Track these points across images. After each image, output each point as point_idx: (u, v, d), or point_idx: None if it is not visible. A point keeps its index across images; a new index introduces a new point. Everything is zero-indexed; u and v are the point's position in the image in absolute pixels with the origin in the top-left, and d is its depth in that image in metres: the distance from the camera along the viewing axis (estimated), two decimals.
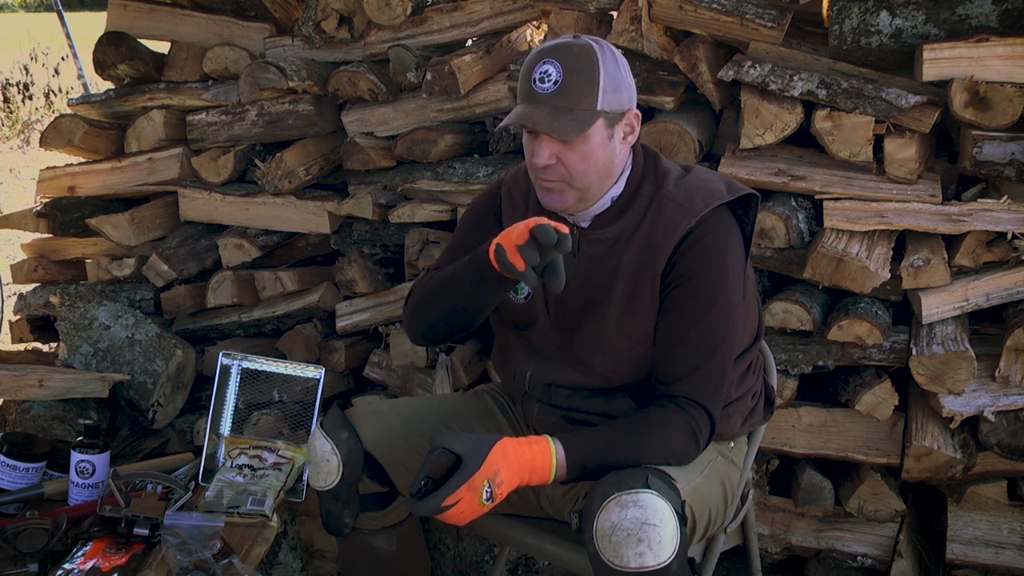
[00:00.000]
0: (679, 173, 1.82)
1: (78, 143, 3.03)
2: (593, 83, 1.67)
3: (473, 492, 1.58)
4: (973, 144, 2.22)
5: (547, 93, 1.66)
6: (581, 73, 1.67)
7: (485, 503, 1.60)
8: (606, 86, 1.68)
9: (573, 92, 1.66)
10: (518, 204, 1.93)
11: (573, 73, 1.66)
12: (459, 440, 1.62)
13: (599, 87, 1.67)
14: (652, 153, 1.85)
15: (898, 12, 2.28)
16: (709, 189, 1.77)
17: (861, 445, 2.45)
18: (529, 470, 1.64)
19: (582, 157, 1.70)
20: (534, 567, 2.70)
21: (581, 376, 1.85)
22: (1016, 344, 2.25)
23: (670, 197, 1.76)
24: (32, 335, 3.28)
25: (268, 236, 2.97)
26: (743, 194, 1.78)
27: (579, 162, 1.70)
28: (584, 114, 1.67)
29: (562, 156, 1.69)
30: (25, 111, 9.01)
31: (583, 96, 1.67)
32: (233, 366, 2.49)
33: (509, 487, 1.63)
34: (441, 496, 1.57)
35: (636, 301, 1.77)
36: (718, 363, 1.75)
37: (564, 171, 1.71)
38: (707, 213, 1.74)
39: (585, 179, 1.72)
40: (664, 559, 1.55)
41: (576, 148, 1.69)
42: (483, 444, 1.62)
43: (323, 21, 2.78)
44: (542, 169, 1.71)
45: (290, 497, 2.33)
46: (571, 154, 1.69)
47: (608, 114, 1.70)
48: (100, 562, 1.94)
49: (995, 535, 2.41)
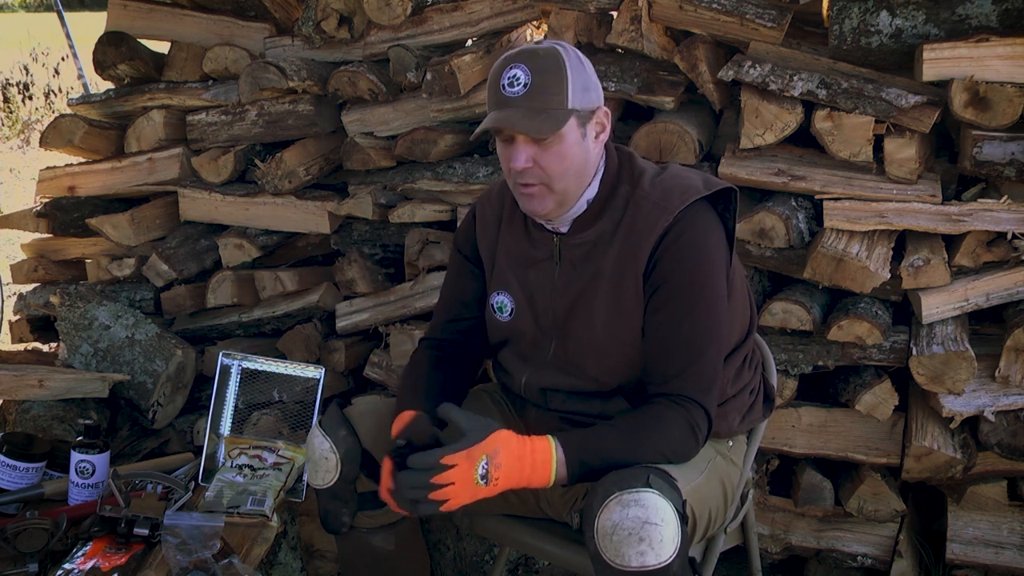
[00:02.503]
0: (655, 171, 1.82)
1: (78, 143, 3.03)
2: (561, 82, 1.68)
3: (471, 462, 1.59)
4: (973, 144, 2.22)
5: (518, 96, 1.67)
6: (549, 73, 1.68)
7: (479, 482, 1.60)
8: (575, 85, 1.70)
9: (543, 92, 1.67)
10: (490, 224, 1.95)
11: (541, 74, 1.68)
12: (465, 416, 1.64)
13: (568, 86, 1.69)
14: (627, 153, 1.85)
15: (898, 12, 2.28)
16: (685, 186, 1.77)
17: (861, 445, 2.45)
18: (529, 465, 1.64)
19: (559, 157, 1.70)
20: (534, 567, 2.70)
21: (575, 380, 1.85)
22: (1016, 344, 2.25)
23: (646, 196, 1.76)
24: (32, 335, 3.28)
25: (268, 236, 2.97)
26: (722, 188, 1.78)
27: (556, 163, 1.70)
28: (557, 113, 1.68)
29: (539, 159, 1.70)
30: (25, 111, 9.01)
31: (553, 95, 1.68)
32: (233, 366, 2.49)
33: (507, 479, 1.63)
34: (439, 454, 1.58)
35: (622, 304, 1.77)
36: (709, 359, 1.75)
37: (542, 173, 1.71)
38: (684, 210, 1.74)
39: (563, 180, 1.72)
40: (665, 558, 1.55)
41: (551, 149, 1.69)
42: (488, 424, 1.64)
43: (323, 21, 2.78)
44: (520, 173, 1.72)
45: (290, 497, 2.33)
46: (547, 155, 1.70)
47: (579, 112, 1.71)
48: (100, 562, 1.94)
49: (995, 535, 2.41)
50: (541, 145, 1.69)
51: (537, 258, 1.86)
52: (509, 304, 1.90)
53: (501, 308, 1.92)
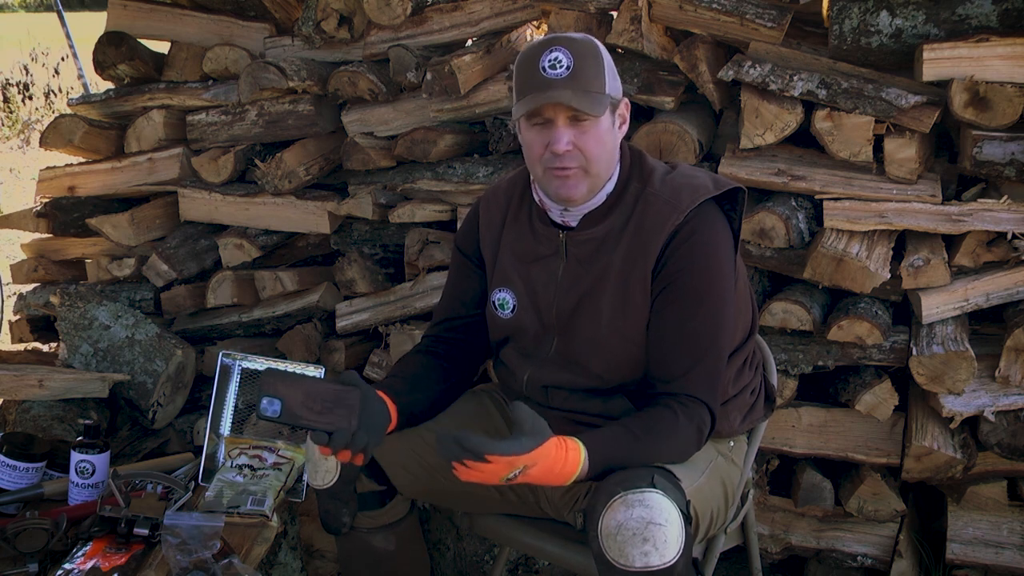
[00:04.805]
0: (665, 170, 1.82)
1: (78, 143, 3.03)
2: (600, 67, 1.70)
3: (508, 468, 1.55)
4: (973, 144, 2.23)
5: (562, 78, 1.67)
6: (589, 58, 1.69)
7: (503, 481, 1.57)
8: (609, 72, 1.72)
9: (586, 75, 1.68)
10: (494, 222, 1.94)
11: (582, 57, 1.69)
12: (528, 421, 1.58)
13: (605, 71, 1.71)
14: (637, 152, 1.86)
15: (898, 12, 2.28)
16: (695, 185, 1.78)
17: (861, 445, 2.45)
18: (558, 473, 1.62)
19: (597, 140, 1.71)
20: (534, 567, 2.70)
21: (577, 378, 1.85)
22: (1016, 344, 2.25)
23: (656, 194, 1.77)
24: (32, 335, 3.28)
25: (268, 236, 2.97)
26: (730, 188, 1.79)
27: (595, 145, 1.71)
28: (599, 96, 1.69)
29: (578, 142, 1.70)
30: (25, 111, 9.01)
31: (594, 79, 1.69)
32: (233, 366, 2.49)
33: (529, 481, 1.61)
34: (488, 448, 1.53)
35: (628, 301, 1.77)
36: (714, 359, 1.75)
37: (581, 156, 1.71)
38: (694, 209, 1.74)
39: (599, 164, 1.73)
40: (669, 559, 1.55)
41: (590, 131, 1.70)
42: (542, 434, 1.58)
43: (323, 21, 2.78)
44: (561, 156, 1.71)
45: (290, 497, 2.33)
46: (586, 137, 1.70)
47: (612, 100, 1.73)
48: (100, 562, 1.94)
49: (995, 535, 2.41)
50: (580, 127, 1.70)
51: (541, 254, 1.86)
52: (511, 301, 1.90)
53: (502, 305, 1.91)
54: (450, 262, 2.07)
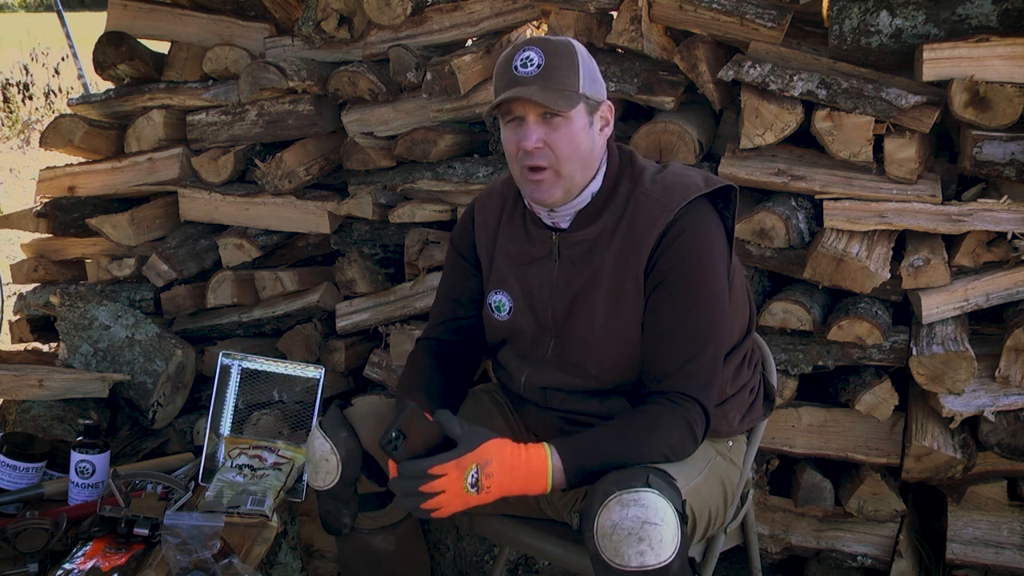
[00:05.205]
0: (656, 169, 1.83)
1: (78, 143, 3.04)
2: (573, 67, 1.71)
3: (460, 471, 1.59)
4: (973, 144, 2.23)
5: (532, 75, 1.69)
6: (562, 58, 1.71)
7: (470, 489, 1.60)
8: (585, 73, 1.73)
9: (557, 73, 1.70)
10: (489, 223, 1.95)
11: (554, 56, 1.71)
12: (458, 424, 1.63)
13: (579, 72, 1.72)
14: (628, 152, 1.87)
15: (898, 12, 2.28)
16: (686, 183, 1.78)
17: (861, 445, 2.45)
18: (524, 474, 1.64)
19: (568, 139, 1.72)
20: (534, 567, 2.70)
21: (575, 379, 1.85)
22: (1016, 344, 2.25)
23: (647, 194, 1.77)
24: (32, 335, 3.28)
25: (268, 236, 2.97)
26: (722, 186, 1.79)
27: (566, 144, 1.72)
28: (569, 94, 1.70)
29: (549, 139, 1.71)
30: (25, 111, 9.02)
31: (565, 78, 1.70)
32: (233, 366, 2.49)
33: (500, 487, 1.62)
34: (428, 463, 1.58)
35: (621, 302, 1.78)
36: (708, 356, 1.75)
37: (551, 155, 1.72)
38: (685, 207, 1.74)
39: (571, 164, 1.73)
40: (665, 558, 1.55)
41: (561, 130, 1.71)
42: (481, 434, 1.63)
43: (323, 21, 2.78)
44: (529, 154, 1.72)
45: (290, 497, 2.33)
46: (557, 136, 1.71)
47: (588, 100, 1.73)
48: (100, 562, 1.94)
49: (995, 535, 2.41)
50: (551, 125, 1.71)
51: (535, 256, 1.86)
52: (507, 303, 1.90)
53: (499, 307, 1.92)
54: (445, 263, 2.07)
